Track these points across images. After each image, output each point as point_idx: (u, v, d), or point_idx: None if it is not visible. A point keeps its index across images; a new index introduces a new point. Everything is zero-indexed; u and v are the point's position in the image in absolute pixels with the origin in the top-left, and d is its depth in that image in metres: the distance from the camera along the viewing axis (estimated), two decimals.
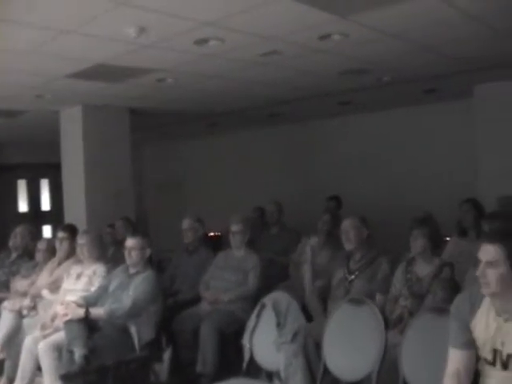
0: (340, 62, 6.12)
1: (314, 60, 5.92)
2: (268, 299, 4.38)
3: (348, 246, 5.01)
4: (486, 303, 2.92)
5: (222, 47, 5.20)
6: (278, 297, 4.37)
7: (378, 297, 4.74)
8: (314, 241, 6.31)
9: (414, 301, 4.44)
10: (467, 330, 2.96)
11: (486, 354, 2.91)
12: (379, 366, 3.72)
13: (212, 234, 9.28)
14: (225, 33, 4.82)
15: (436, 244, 4.70)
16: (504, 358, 2.84)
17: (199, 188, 11.86)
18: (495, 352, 2.87)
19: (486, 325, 2.90)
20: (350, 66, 6.28)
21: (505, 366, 2.84)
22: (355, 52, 5.75)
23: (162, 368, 4.98)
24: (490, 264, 2.79)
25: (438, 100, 8.52)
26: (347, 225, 5.06)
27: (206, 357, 5.15)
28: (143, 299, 4.95)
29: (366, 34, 5.11)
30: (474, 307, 2.96)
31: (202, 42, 5.01)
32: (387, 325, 4.27)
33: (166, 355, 5.04)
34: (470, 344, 2.95)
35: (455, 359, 2.97)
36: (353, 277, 4.90)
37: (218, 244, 7.71)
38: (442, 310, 3.40)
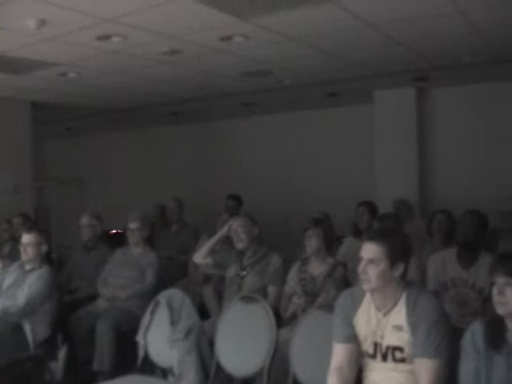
0: (242, 64, 6.22)
1: (215, 60, 6.01)
2: (162, 296, 4.39)
3: (239, 245, 5.07)
4: (367, 299, 3.08)
5: (124, 44, 5.22)
6: (172, 294, 4.40)
7: (271, 289, 4.85)
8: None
9: (308, 299, 4.55)
10: (349, 325, 3.10)
11: (368, 347, 3.06)
12: (270, 362, 3.81)
13: (114, 231, 9.15)
14: (127, 30, 4.83)
15: (329, 244, 4.83)
16: (383, 350, 3.00)
17: (102, 184, 11.68)
18: (376, 345, 3.03)
19: (367, 319, 3.05)
20: (252, 67, 6.40)
21: (384, 358, 3.00)
22: (256, 54, 5.87)
23: (58, 366, 4.90)
24: (371, 261, 2.95)
25: (340, 104, 8.75)
26: (237, 225, 5.12)
27: (102, 354, 5.10)
28: (38, 296, 4.88)
29: (266, 36, 5.24)
30: (355, 303, 3.11)
31: (105, 37, 5.00)
32: (281, 322, 4.40)
33: (62, 353, 4.96)
34: (352, 338, 3.09)
35: (338, 353, 3.11)
36: (245, 273, 4.97)
37: (119, 241, 7.63)
38: (331, 307, 3.52)
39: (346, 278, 4.61)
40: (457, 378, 2.81)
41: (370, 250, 2.98)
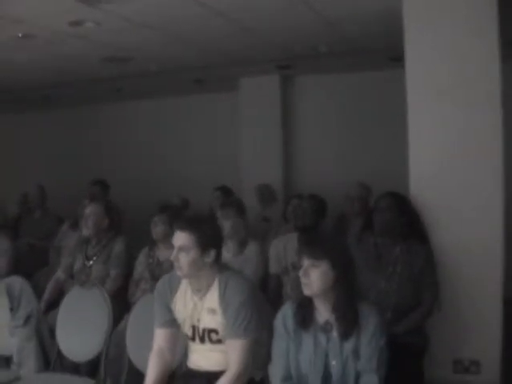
0: (98, 49, 6.25)
1: (69, 46, 5.98)
2: (1, 283, 4.37)
3: (85, 231, 5.07)
4: (184, 284, 3.20)
5: None
6: (11, 281, 4.38)
7: (111, 272, 4.91)
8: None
9: (155, 283, 4.63)
10: (168, 310, 3.21)
11: (187, 330, 3.19)
12: (107, 347, 3.90)
13: None
14: None
15: None
16: (200, 332, 3.14)
17: None
18: (194, 328, 3.16)
19: (184, 303, 3.18)
20: (110, 53, 6.40)
21: (202, 340, 3.14)
22: (112, 40, 5.90)
23: None
24: (181, 249, 3.06)
25: (207, 91, 8.84)
26: (89, 211, 5.11)
27: None
28: None
29: (119, 23, 5.25)
30: (173, 288, 3.23)
31: None
32: (128, 307, 4.45)
33: None
34: (171, 323, 3.22)
35: (158, 338, 3.23)
36: (91, 262, 5.00)
37: None
38: None
39: None
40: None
41: (179, 238, 3.09)
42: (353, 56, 7.08)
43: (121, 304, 4.48)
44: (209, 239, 3.09)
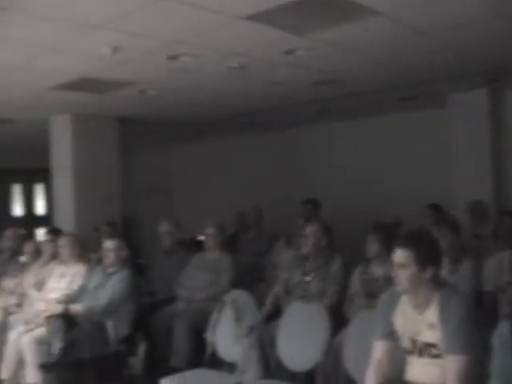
0: (306, 74, 6.46)
1: (282, 72, 6.28)
2: (228, 296, 4.73)
3: (305, 249, 5.34)
4: (405, 298, 3.28)
5: (193, 62, 5.58)
6: (237, 294, 4.73)
7: (329, 288, 5.09)
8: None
9: (369, 300, 4.74)
10: (389, 322, 3.31)
11: (406, 343, 3.27)
12: (324, 359, 4.09)
13: (201, 237, 9.54)
14: (195, 49, 5.20)
15: (390, 247, 5.01)
16: (420, 346, 3.20)
17: (189, 193, 12.19)
18: (413, 342, 3.23)
19: (404, 317, 3.26)
20: (318, 77, 6.62)
21: (421, 354, 3.20)
22: (319, 64, 6.09)
23: (137, 362, 5.32)
24: (401, 266, 3.16)
25: (415, 108, 8.82)
26: (308, 231, 5.38)
27: (179, 352, 5.48)
28: (119, 297, 5.32)
29: (327, 49, 5.46)
30: (394, 303, 3.32)
31: (174, 57, 5.39)
32: (344, 321, 4.63)
33: (141, 350, 5.38)
34: (391, 335, 3.31)
35: (377, 350, 3.33)
36: (309, 278, 5.22)
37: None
38: None
39: None
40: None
41: (398, 256, 3.19)
42: None
43: (336, 318, 4.64)
44: (427, 256, 3.15)
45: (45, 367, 4.91)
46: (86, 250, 6.38)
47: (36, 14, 4.15)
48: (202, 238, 9.35)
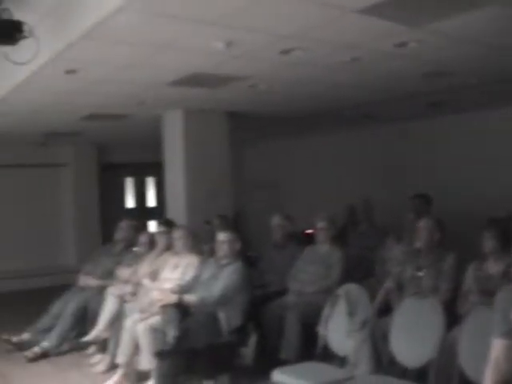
0: (418, 66, 6.32)
1: (393, 65, 6.18)
2: (341, 290, 4.73)
3: (418, 243, 5.28)
4: None
5: (305, 56, 5.58)
6: (350, 288, 4.72)
7: (442, 285, 5.02)
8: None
9: (483, 297, 4.65)
10: (508, 321, 3.20)
11: None
12: (438, 355, 4.03)
13: (309, 231, 9.57)
14: (307, 43, 5.20)
15: (506, 244, 4.88)
16: None
17: (296, 187, 12.25)
18: None
19: None
20: (430, 69, 6.48)
21: None
22: (433, 56, 5.96)
23: (248, 353, 5.40)
24: None
25: None
26: (421, 225, 5.35)
27: (289, 344, 5.53)
28: (232, 288, 5.42)
29: (440, 40, 5.34)
30: None
31: (287, 52, 5.41)
32: (456, 318, 4.54)
33: (252, 341, 5.45)
34: (510, 334, 3.20)
35: (496, 348, 3.22)
36: (421, 273, 5.16)
37: (313, 241, 8.01)
38: None
39: None
40: None
41: None
42: None
43: (449, 315, 4.55)
44: None
45: (159, 355, 5.06)
46: (199, 242, 6.53)
47: (151, 13, 4.29)
48: (310, 231, 9.50)
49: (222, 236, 5.77)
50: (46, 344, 6.68)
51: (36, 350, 6.63)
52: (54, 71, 5.78)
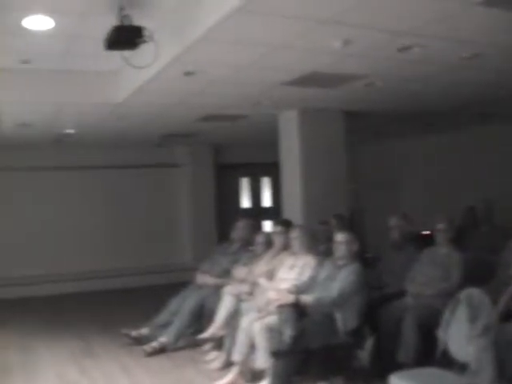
0: None
1: None
2: (462, 294, 4.56)
3: None
4: None
5: (424, 53, 5.47)
6: (472, 292, 4.54)
7: None
8: None
9: None
10: None
11: None
12: None
13: (426, 232, 9.36)
14: (426, 40, 5.09)
15: None
16: None
17: (411, 186, 12.01)
18: None
19: None
20: None
21: None
22: None
23: (364, 355, 5.33)
24: None
25: None
26: None
27: (407, 347, 5.40)
28: (349, 290, 5.35)
29: None
30: None
31: (405, 49, 5.31)
32: None
33: (369, 343, 5.38)
34: None
35: None
36: None
37: (430, 242, 7.83)
38: None
39: None
40: None
41: None
42: None
43: None
44: None
45: (275, 354, 5.07)
46: (316, 242, 6.49)
47: (268, 14, 4.31)
48: (427, 232, 9.28)
49: (340, 236, 5.71)
50: (163, 339, 6.86)
51: (154, 344, 6.82)
52: (173, 74, 5.93)
